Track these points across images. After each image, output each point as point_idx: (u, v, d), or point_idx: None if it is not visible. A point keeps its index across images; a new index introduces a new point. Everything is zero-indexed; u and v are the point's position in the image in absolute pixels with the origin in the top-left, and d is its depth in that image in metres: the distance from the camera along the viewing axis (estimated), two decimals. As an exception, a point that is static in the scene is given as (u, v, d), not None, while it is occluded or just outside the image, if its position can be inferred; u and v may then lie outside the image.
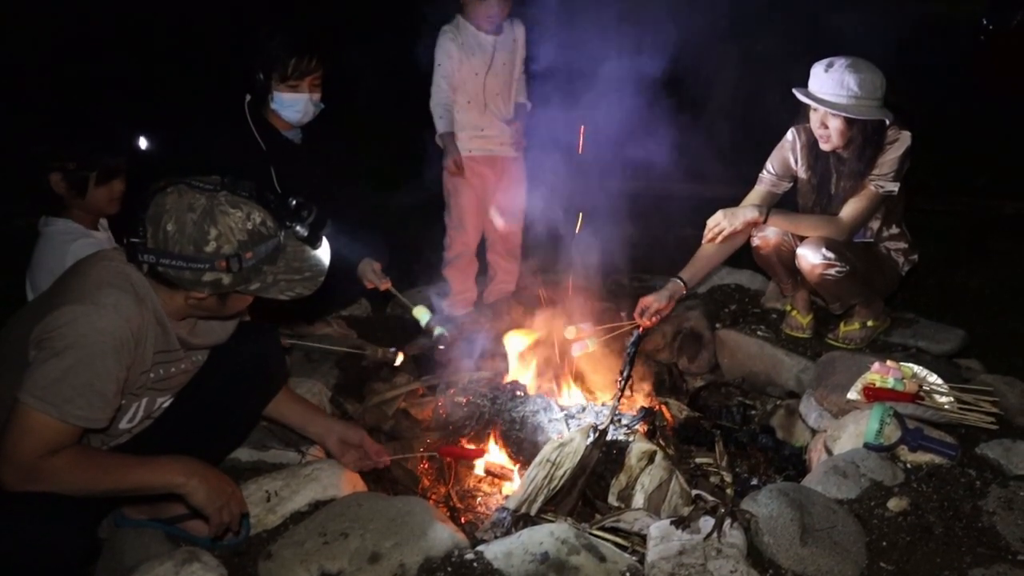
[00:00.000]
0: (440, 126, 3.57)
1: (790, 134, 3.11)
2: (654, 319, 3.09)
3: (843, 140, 2.85)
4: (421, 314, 3.20)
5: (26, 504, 1.69)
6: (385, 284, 3.19)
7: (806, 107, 2.89)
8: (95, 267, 1.84)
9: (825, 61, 2.82)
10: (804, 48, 3.13)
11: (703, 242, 3.08)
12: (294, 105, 3.00)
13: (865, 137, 2.83)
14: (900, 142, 2.85)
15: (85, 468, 1.75)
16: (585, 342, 3.12)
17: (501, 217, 3.82)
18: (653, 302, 3.08)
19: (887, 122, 2.81)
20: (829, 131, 2.85)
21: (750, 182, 3.21)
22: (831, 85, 2.77)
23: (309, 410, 2.46)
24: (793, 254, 3.03)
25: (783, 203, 3.18)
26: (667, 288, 3.12)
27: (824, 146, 2.92)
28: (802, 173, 3.10)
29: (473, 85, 3.54)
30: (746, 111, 5.51)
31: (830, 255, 2.86)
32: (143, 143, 2.62)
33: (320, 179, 3.10)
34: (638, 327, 3.07)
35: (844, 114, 2.76)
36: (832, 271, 2.89)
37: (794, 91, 2.88)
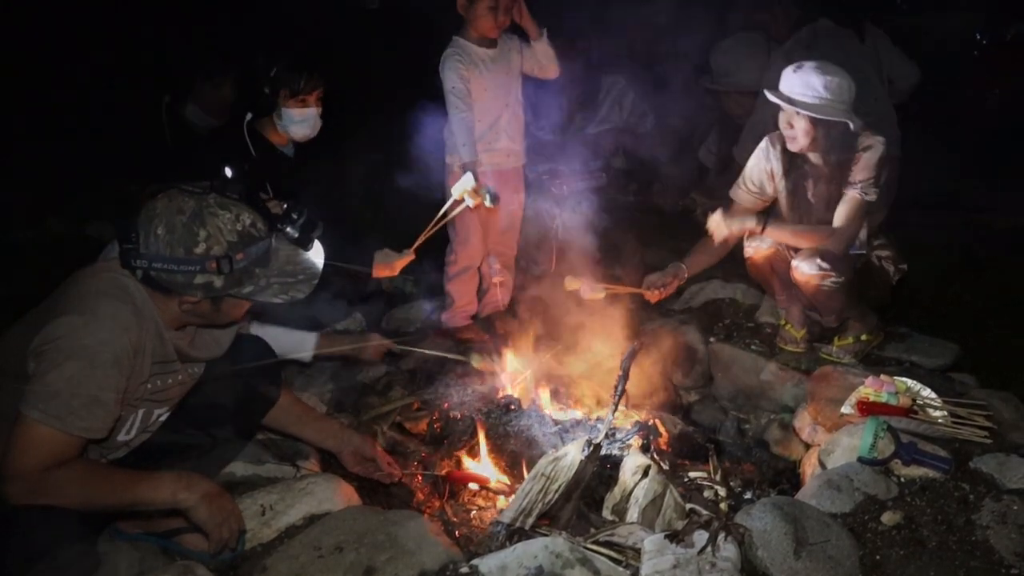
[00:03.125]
0: (465, 154, 3.42)
1: (764, 142, 3.13)
2: (660, 292, 3.16)
3: (808, 140, 2.87)
4: (474, 195, 3.19)
5: (30, 518, 1.68)
6: (410, 256, 3.24)
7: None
8: (93, 278, 1.84)
9: (796, 63, 2.86)
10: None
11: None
12: (304, 120, 3.05)
13: (830, 140, 2.86)
14: (875, 148, 2.87)
15: (89, 482, 1.76)
16: (593, 286, 3.17)
17: (501, 228, 3.83)
18: (658, 278, 3.15)
19: (851, 126, 2.81)
20: (795, 131, 2.88)
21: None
22: (798, 85, 2.81)
23: (324, 425, 2.51)
24: (786, 264, 3.05)
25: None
26: (670, 268, 3.19)
27: (791, 146, 2.95)
28: (778, 181, 3.12)
29: (484, 102, 3.54)
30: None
31: (825, 266, 2.88)
32: (228, 172, 2.64)
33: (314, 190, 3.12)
34: (634, 343, 3.08)
35: (806, 113, 2.79)
36: (827, 282, 2.90)
37: (764, 91, 2.92)
